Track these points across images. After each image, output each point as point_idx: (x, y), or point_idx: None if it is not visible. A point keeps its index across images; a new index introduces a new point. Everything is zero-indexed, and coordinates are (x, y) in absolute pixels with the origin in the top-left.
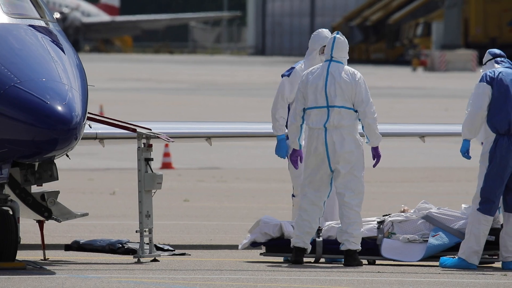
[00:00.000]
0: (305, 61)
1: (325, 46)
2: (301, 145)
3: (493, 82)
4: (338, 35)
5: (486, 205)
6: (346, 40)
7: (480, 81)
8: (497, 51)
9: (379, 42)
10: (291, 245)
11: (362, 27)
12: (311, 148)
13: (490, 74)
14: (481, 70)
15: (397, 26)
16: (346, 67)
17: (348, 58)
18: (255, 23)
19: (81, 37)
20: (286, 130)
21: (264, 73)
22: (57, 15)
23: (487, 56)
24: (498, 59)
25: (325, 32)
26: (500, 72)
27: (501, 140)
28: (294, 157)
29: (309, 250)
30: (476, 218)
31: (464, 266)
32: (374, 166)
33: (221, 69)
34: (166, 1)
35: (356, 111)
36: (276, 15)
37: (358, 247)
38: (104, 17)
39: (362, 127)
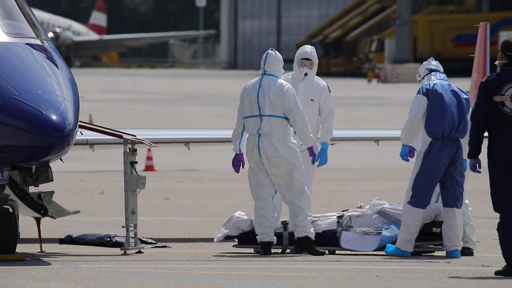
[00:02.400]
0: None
1: (302, 58)
2: (241, 150)
3: (429, 93)
4: (271, 51)
5: (416, 199)
6: (279, 55)
7: (418, 93)
8: (433, 66)
9: (338, 57)
10: (258, 240)
11: (323, 44)
12: (249, 152)
13: (426, 87)
14: (418, 81)
15: (354, 43)
16: (279, 80)
17: (282, 71)
18: (228, 40)
19: (72, 54)
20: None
21: (236, 85)
22: (51, 34)
23: (424, 71)
24: (433, 72)
25: (307, 48)
26: (435, 84)
27: (435, 144)
28: (236, 162)
29: (274, 242)
30: (407, 210)
31: (399, 253)
32: (312, 162)
33: (198, 82)
34: (148, 21)
35: (286, 119)
36: (247, 33)
37: (305, 234)
38: (93, 36)
39: (294, 132)
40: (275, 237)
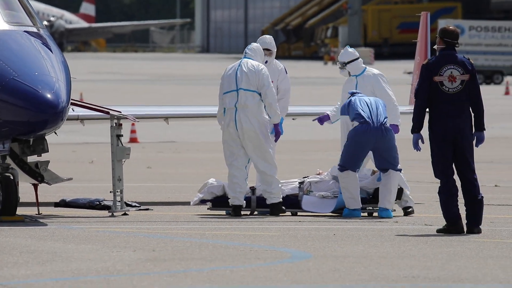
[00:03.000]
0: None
1: (265, 49)
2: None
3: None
4: (255, 44)
5: (344, 166)
6: (259, 47)
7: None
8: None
9: (298, 42)
10: (229, 204)
11: (285, 31)
12: (225, 125)
13: (346, 104)
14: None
15: (312, 30)
16: (255, 62)
17: (258, 57)
18: (202, 27)
19: (65, 40)
20: None
21: (209, 67)
22: (46, 22)
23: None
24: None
25: (267, 38)
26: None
27: (359, 126)
28: None
29: (244, 206)
30: (340, 175)
31: (349, 213)
32: (275, 141)
33: (175, 64)
34: (132, 11)
35: (260, 94)
36: (218, 21)
37: (279, 200)
38: (83, 24)
39: (265, 107)
40: (244, 202)
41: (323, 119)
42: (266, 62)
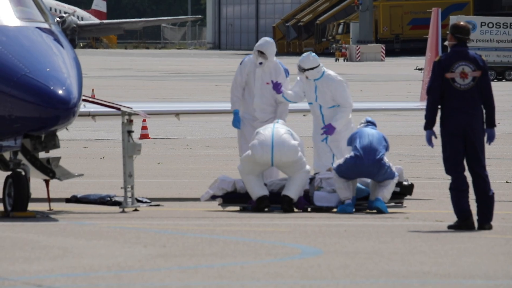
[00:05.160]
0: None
1: (258, 50)
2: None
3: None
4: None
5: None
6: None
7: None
8: (369, 119)
9: (309, 38)
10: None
11: (296, 27)
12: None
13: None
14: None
15: (323, 26)
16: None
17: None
18: (213, 24)
19: (76, 36)
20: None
21: (220, 63)
22: (57, 19)
23: (363, 120)
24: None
25: (266, 42)
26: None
27: (350, 159)
28: None
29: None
30: (335, 180)
31: (342, 208)
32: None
33: (186, 60)
34: (143, 7)
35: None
36: (229, 17)
37: (293, 197)
38: (95, 20)
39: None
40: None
41: (278, 85)
42: (260, 63)
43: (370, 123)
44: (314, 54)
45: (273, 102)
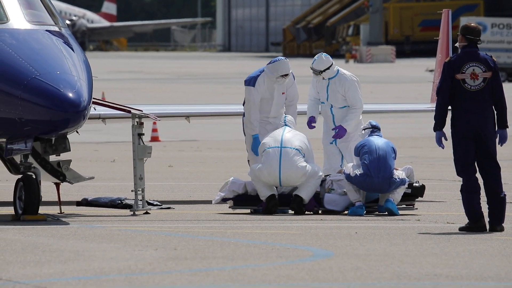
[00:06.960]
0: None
1: (283, 75)
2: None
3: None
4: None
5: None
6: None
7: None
8: (373, 123)
9: (319, 40)
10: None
11: (306, 29)
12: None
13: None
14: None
15: (333, 28)
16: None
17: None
18: (223, 26)
19: (86, 39)
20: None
21: (230, 66)
22: (67, 22)
23: (367, 125)
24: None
25: (287, 66)
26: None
27: (361, 177)
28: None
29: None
30: (345, 183)
31: (353, 211)
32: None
33: (196, 63)
34: (153, 10)
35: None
36: (239, 20)
37: (305, 198)
38: (105, 23)
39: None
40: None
41: (311, 121)
42: (284, 76)
43: (374, 128)
44: (325, 53)
45: (284, 108)
